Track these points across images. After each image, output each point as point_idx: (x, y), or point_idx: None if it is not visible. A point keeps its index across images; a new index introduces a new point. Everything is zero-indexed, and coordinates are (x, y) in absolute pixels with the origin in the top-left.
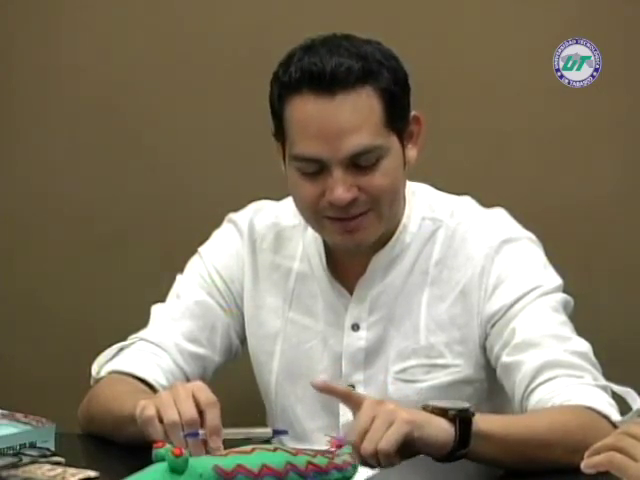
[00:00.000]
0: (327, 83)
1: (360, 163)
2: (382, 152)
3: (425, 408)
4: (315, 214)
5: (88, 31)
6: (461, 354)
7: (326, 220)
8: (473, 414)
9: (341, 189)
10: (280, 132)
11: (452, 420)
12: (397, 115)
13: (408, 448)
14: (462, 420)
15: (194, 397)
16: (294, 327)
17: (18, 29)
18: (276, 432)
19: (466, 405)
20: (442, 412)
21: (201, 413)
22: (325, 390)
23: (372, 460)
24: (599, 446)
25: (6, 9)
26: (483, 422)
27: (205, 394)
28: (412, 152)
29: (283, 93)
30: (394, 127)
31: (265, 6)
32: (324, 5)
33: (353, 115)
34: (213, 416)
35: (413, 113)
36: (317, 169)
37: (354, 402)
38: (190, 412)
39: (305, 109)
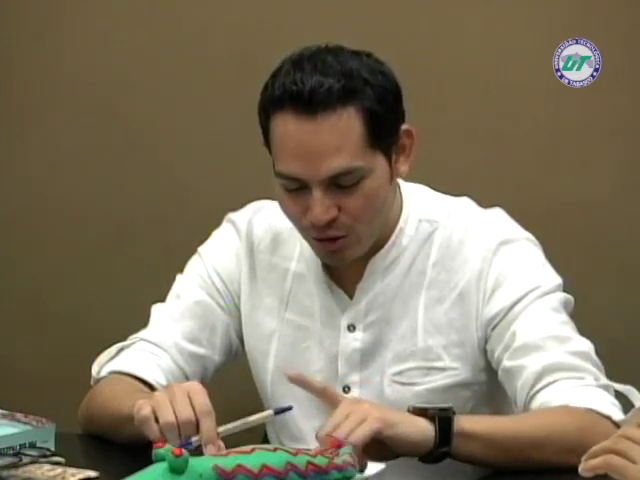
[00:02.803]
0: (307, 103)
1: (341, 183)
2: (364, 173)
3: (408, 409)
4: (302, 230)
5: (88, 31)
6: (459, 357)
7: (311, 239)
8: (454, 413)
9: (319, 210)
10: (267, 144)
11: (432, 419)
12: (382, 133)
13: (383, 449)
14: (441, 419)
15: (190, 400)
16: (290, 327)
17: (18, 29)
18: (278, 411)
19: (447, 405)
20: (422, 412)
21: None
22: (299, 381)
23: None
24: (596, 449)
25: (6, 9)
26: (466, 422)
27: (201, 400)
28: (403, 167)
29: (268, 107)
30: (379, 145)
31: (265, 6)
32: (324, 5)
33: (333, 136)
34: (208, 427)
35: (405, 127)
36: (299, 186)
37: (330, 399)
38: (186, 413)
39: (286, 127)
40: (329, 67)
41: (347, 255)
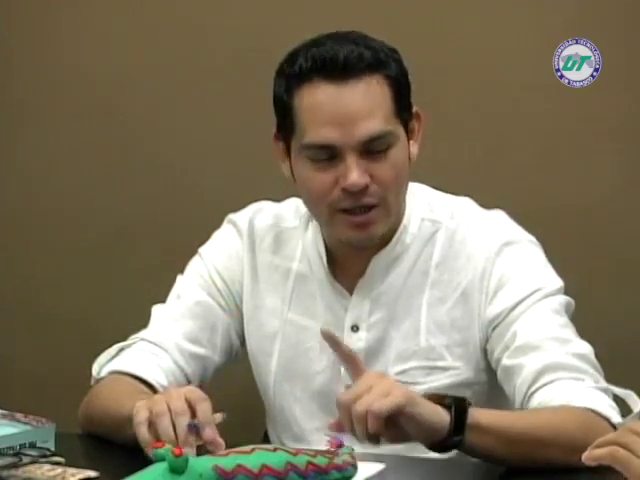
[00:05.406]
0: (340, 69)
1: (372, 149)
2: (393, 139)
3: (424, 395)
4: (327, 207)
5: (88, 31)
6: (461, 357)
7: (338, 214)
8: (469, 404)
9: (356, 173)
10: (287, 126)
11: (448, 408)
12: (404, 106)
13: (400, 429)
14: (457, 407)
15: (185, 397)
16: (293, 327)
17: (18, 29)
18: None
19: (463, 396)
20: (439, 399)
21: (193, 412)
22: (331, 341)
23: (360, 424)
24: (602, 441)
25: (6, 9)
26: (480, 414)
27: (196, 394)
28: (414, 149)
29: (292, 84)
30: (401, 117)
31: (265, 6)
32: (324, 5)
33: (366, 100)
34: (204, 410)
35: (415, 109)
36: (329, 156)
37: (355, 368)
38: (180, 405)
39: (317, 96)
40: (352, 40)
41: (374, 230)
